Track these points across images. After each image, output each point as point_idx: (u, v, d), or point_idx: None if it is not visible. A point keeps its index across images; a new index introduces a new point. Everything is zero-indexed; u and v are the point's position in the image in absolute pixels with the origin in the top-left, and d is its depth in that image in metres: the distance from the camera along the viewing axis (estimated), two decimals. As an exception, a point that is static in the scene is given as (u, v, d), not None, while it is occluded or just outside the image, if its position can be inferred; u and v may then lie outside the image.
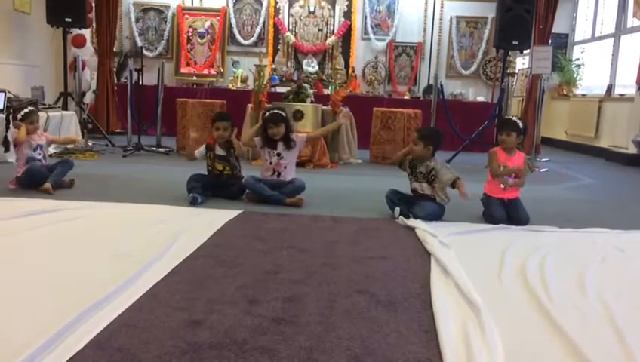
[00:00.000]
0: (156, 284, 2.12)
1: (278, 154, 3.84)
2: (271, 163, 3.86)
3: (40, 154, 4.04)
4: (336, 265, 2.49)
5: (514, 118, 3.71)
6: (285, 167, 3.87)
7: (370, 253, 2.72)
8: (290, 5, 9.32)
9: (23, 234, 2.76)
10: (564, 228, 3.35)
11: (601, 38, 8.85)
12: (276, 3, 9.31)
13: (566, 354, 1.69)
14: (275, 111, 3.88)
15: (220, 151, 3.91)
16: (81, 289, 2.00)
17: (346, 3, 9.27)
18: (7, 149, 3.82)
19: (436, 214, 3.45)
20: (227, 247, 2.70)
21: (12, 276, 2.18)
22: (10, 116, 4.14)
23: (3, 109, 5.35)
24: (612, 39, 8.38)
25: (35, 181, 3.83)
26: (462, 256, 2.62)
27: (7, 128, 4.29)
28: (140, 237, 2.78)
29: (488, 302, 2.02)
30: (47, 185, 3.79)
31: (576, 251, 2.88)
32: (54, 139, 4.57)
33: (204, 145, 3.99)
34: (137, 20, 9.47)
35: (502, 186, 3.53)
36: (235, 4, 9.44)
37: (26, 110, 4.00)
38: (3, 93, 5.48)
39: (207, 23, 9.45)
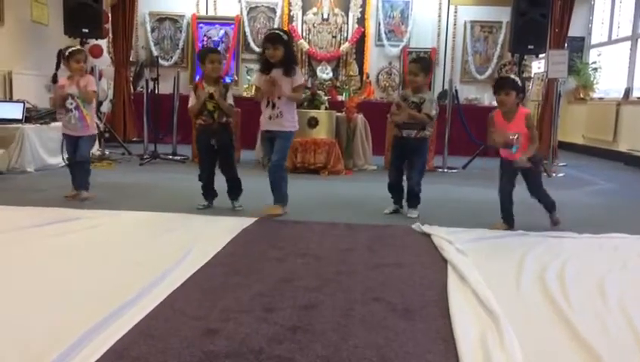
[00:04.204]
0: (173, 293, 2.13)
1: (271, 77, 3.52)
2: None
3: (72, 104, 3.98)
4: (352, 273, 2.48)
5: (511, 76, 3.46)
6: (279, 97, 3.54)
7: (386, 260, 2.70)
8: (304, 13, 9.34)
9: (40, 242, 2.79)
10: (584, 234, 3.30)
11: (617, 41, 8.74)
12: (290, 11, 9.34)
13: (587, 363, 1.66)
14: (273, 30, 3.75)
15: (209, 88, 3.74)
16: (98, 298, 2.02)
17: (360, 10, 9.27)
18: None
19: (424, 165, 3.86)
20: (243, 255, 2.71)
21: (29, 284, 2.20)
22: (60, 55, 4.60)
23: (22, 119, 5.44)
24: (629, 42, 8.26)
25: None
26: (479, 263, 2.59)
27: (58, 67, 5.12)
28: (157, 246, 2.80)
29: (507, 309, 2.00)
30: (74, 192, 4.01)
31: (596, 257, 2.84)
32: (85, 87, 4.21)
33: (195, 91, 3.83)
34: (153, 30, 9.57)
35: (512, 151, 3.31)
36: (249, 12, 9.49)
37: (73, 48, 4.08)
38: (22, 104, 5.57)
39: (222, 32, 9.51)
